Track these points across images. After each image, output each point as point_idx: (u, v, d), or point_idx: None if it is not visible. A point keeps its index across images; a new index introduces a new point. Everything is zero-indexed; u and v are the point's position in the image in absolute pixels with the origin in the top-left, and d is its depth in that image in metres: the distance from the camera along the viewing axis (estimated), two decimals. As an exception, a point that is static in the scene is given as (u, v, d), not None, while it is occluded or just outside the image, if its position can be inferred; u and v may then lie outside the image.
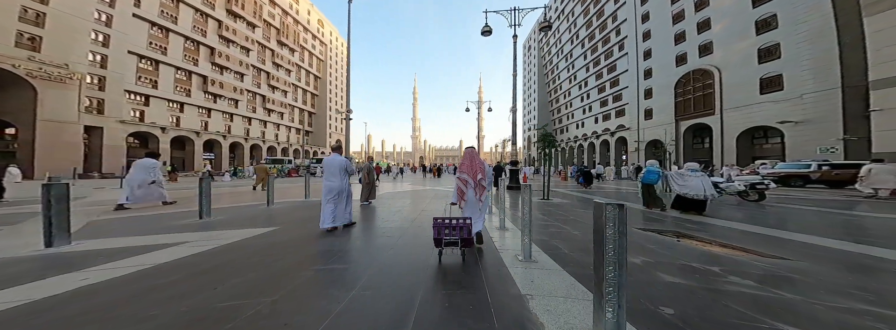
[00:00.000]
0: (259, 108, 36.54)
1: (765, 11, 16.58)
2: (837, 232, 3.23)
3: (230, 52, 32.06)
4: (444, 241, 2.08)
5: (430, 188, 10.01)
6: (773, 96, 16.16)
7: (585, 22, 38.57)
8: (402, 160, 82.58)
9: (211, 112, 29.77)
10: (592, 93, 37.29)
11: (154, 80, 25.33)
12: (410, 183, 13.32)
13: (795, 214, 4.61)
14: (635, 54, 27.92)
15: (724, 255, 2.41)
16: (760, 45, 16.81)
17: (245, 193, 8.33)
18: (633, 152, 27.47)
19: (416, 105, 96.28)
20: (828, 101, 13.69)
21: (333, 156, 3.38)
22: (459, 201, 2.56)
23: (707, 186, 4.31)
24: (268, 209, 5.01)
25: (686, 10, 22.04)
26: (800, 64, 14.79)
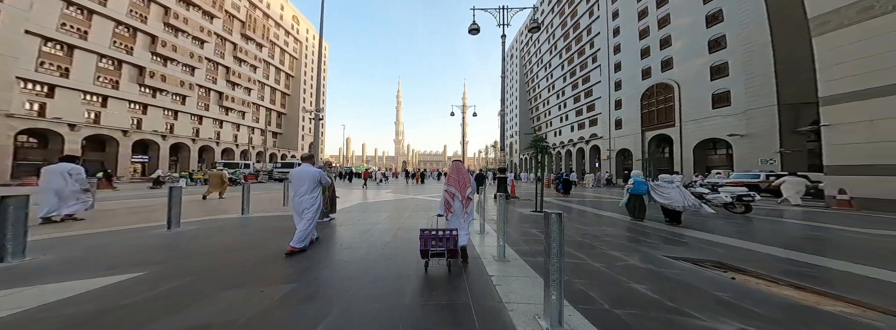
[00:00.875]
0: (213, 105, 33.15)
1: (716, 32, 18.08)
2: (869, 256, 2.87)
3: (178, 43, 28.69)
4: (430, 252, 2.13)
5: (412, 197, 9.23)
6: (723, 111, 17.50)
7: (563, 33, 40.44)
8: (385, 165, 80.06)
9: (147, 108, 25.97)
10: (569, 102, 38.83)
11: (64, 67, 20.48)
12: (392, 190, 12.52)
13: (792, 229, 4.54)
14: (607, 66, 29.45)
15: (813, 305, 1.74)
16: (712, 63, 18.24)
17: (208, 203, 7.20)
18: (605, 161, 28.59)
19: (400, 109, 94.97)
20: (766, 117, 15.02)
21: (304, 167, 2.98)
22: (447, 213, 2.58)
23: (686, 196, 4.46)
24: (242, 220, 4.50)
25: (651, 27, 23.63)
26: (744, 82, 16.15)
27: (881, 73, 6.90)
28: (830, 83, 7.75)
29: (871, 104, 7.02)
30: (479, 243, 3.24)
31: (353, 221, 4.73)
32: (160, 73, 27.07)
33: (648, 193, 4.86)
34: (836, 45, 7.68)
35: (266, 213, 5.54)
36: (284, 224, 4.12)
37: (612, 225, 4.62)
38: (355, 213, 5.70)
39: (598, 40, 31.82)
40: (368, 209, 6.32)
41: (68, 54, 21.72)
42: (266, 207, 6.51)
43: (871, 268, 2.51)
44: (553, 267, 1.38)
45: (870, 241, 3.72)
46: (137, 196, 9.18)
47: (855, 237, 3.91)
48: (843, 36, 7.56)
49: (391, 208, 6.47)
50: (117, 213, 5.60)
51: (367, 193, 10.75)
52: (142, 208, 6.23)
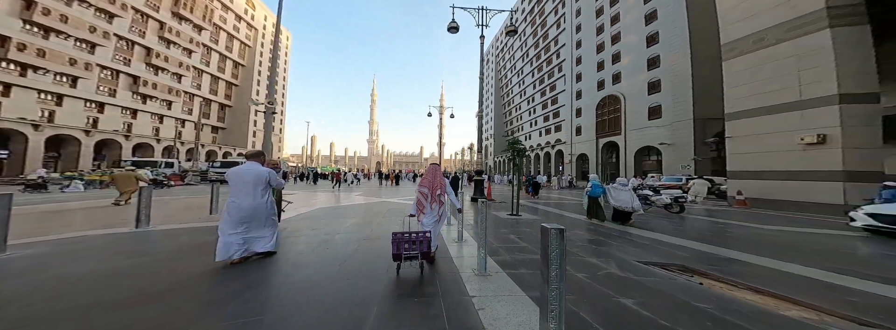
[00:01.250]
0: (123, 91, 26.34)
1: (653, 52, 20.49)
2: (796, 255, 3.19)
3: (71, 12, 21.96)
4: (403, 255, 2.14)
5: (383, 201, 8.40)
6: (656, 122, 19.95)
7: (534, 42, 42.58)
8: (356, 165, 74.83)
9: (10, 89, 19.70)
10: (537, 108, 41.04)
11: None
12: (362, 193, 11.45)
13: (712, 227, 5.03)
14: (570, 76, 31.64)
15: (771, 310, 1.79)
16: (650, 79, 20.65)
17: (97, 212, 5.41)
18: (568, 164, 30.68)
19: (375, 107, 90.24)
20: (686, 130, 17.47)
21: (248, 165, 2.45)
22: (419, 214, 2.61)
23: (634, 199, 4.90)
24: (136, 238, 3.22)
25: (606, 43, 25.93)
26: (671, 98, 18.55)
27: (764, 95, 8.10)
28: (732, 101, 8.95)
29: (758, 121, 8.22)
30: (457, 253, 2.88)
31: (307, 229, 3.91)
32: (37, 47, 20.55)
33: (604, 195, 5.22)
34: (737, 70, 8.89)
35: (178, 224, 4.25)
36: (197, 240, 3.16)
37: (579, 227, 4.66)
38: (313, 220, 4.80)
39: (563, 51, 34.05)
40: (330, 215, 5.39)
41: None
42: (183, 216, 5.05)
43: (775, 260, 2.90)
44: (552, 294, 1.13)
45: (768, 236, 4.32)
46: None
47: (758, 233, 4.50)
48: (743, 62, 8.77)
49: (358, 214, 5.64)
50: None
51: (334, 197, 9.54)
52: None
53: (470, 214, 5.66)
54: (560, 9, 34.91)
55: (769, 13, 8.04)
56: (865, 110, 6.77)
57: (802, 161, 7.35)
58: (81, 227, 4.04)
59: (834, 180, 6.77)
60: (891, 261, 3.09)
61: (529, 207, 7.22)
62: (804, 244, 3.74)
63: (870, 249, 3.56)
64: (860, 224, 4.41)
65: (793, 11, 7.58)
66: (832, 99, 6.92)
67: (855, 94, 6.78)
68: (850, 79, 6.81)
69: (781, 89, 7.77)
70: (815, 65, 7.21)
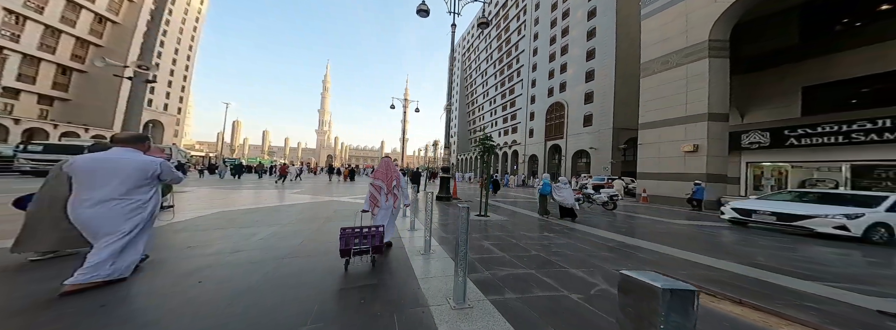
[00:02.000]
0: None
1: (590, 66, 23.20)
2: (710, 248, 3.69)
3: None
4: (352, 251, 1.99)
5: (331, 199, 6.84)
6: (588, 129, 22.88)
7: (498, 46, 43.80)
8: (299, 158, 64.20)
9: None
10: (498, 110, 42.79)
11: None
12: (302, 190, 9.16)
13: (635, 222, 5.49)
14: (527, 81, 33.64)
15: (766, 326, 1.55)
16: (586, 90, 23.39)
17: None
18: (522, 164, 32.91)
19: (327, 95, 79.39)
20: (607, 137, 20.55)
21: (116, 152, 1.66)
22: (372, 208, 2.54)
23: (572, 196, 5.39)
24: None
25: (556, 53, 28.21)
26: (599, 108, 21.49)
27: (665, 110, 9.52)
28: (644, 114, 10.31)
29: (659, 131, 9.65)
30: (424, 270, 2.17)
31: (199, 241, 2.59)
32: None
33: (551, 193, 5.58)
34: (649, 87, 10.22)
35: None
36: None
37: (540, 227, 4.59)
38: (213, 228, 3.23)
39: (523, 56, 35.91)
40: (244, 219, 3.88)
41: None
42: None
43: (671, 248, 3.41)
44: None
45: (668, 228, 4.96)
46: None
47: (663, 227, 5.11)
48: (653, 80, 10.11)
49: (290, 217, 4.21)
50: None
51: (262, 194, 7.44)
52: None
53: (435, 217, 5.07)
54: (521, 15, 36.53)
55: (675, 39, 9.39)
56: (721, 127, 8.55)
57: (683, 165, 8.94)
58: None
59: (701, 180, 8.37)
60: (739, 245, 3.87)
61: (492, 205, 6.98)
62: (689, 234, 4.57)
63: (730, 237, 4.42)
64: (727, 216, 5.46)
65: (688, 40, 8.96)
66: (703, 117, 8.50)
67: (717, 113, 8.46)
68: (716, 100, 8.44)
69: (675, 106, 9.24)
70: (697, 87, 8.72)
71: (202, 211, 4.46)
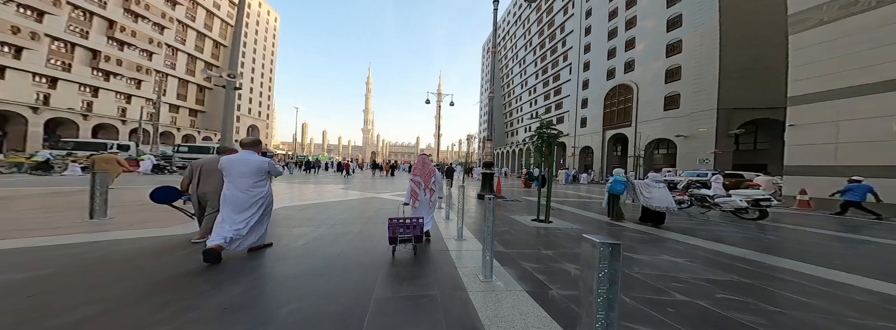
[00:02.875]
0: (80, 66, 23.21)
1: (674, 37, 18.53)
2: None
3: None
4: (398, 238, 2.23)
5: (375, 196, 6.96)
6: (672, 113, 18.42)
7: (538, 30, 39.61)
8: (351, 155, 71.97)
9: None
10: (539, 99, 39.03)
11: None
12: (348, 186, 9.79)
13: (802, 237, 3.72)
14: (577, 65, 29.47)
15: None
16: (668, 66, 18.84)
17: None
18: (570, 157, 29.40)
19: (370, 96, 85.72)
20: (706, 121, 15.97)
21: (244, 154, 2.21)
22: (413, 201, 2.74)
23: (669, 198, 4.18)
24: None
25: (619, 28, 23.68)
26: (692, 87, 16.92)
27: (851, 73, 6.52)
28: (800, 83, 7.37)
29: (837, 105, 6.72)
30: (484, 299, 1.61)
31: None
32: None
33: (625, 191, 4.49)
34: (809, 44, 7.23)
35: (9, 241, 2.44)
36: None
37: (642, 240, 3.29)
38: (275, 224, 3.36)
39: (570, 38, 31.56)
40: (300, 216, 4.03)
41: None
42: (38, 224, 3.07)
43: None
44: None
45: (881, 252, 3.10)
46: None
47: (874, 249, 3.23)
48: (818, 34, 7.08)
49: (337, 215, 4.26)
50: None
51: (320, 190, 7.94)
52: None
53: (474, 217, 4.33)
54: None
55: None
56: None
57: (888, 152, 5.97)
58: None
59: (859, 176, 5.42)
60: None
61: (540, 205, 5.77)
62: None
63: None
64: None
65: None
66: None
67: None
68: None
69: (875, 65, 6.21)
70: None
71: (291, 202, 5.10)
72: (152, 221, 3.31)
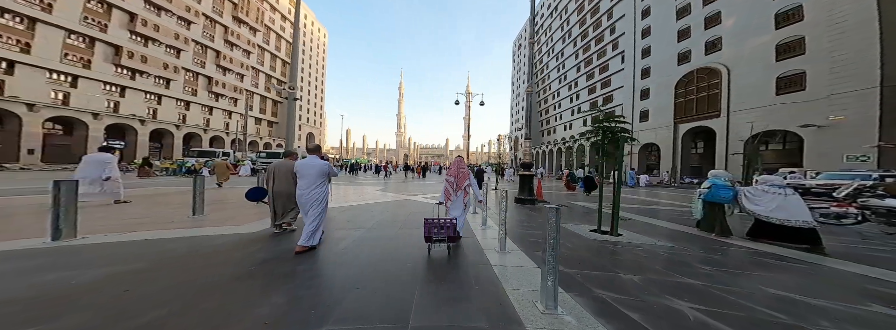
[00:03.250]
0: (202, 90, 29.75)
1: (787, 3, 14.56)
2: None
3: (161, 22, 24.88)
4: (433, 238, 2.39)
5: (408, 198, 6.83)
6: (792, 97, 14.29)
7: (579, 19, 36.42)
8: (385, 158, 76.44)
9: (125, 91, 23.06)
10: (582, 94, 35.52)
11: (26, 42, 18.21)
12: (384, 187, 10.01)
13: None
14: (633, 52, 25.87)
15: None
16: (780, 40, 14.84)
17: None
18: (627, 156, 25.66)
19: (402, 101, 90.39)
20: (861, 103, 11.76)
21: (311, 158, 2.68)
22: (447, 201, 2.88)
23: (804, 208, 2.98)
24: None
25: (692, 5, 19.98)
26: (828, 61, 12.81)
27: None
28: None
29: None
30: None
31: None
32: (140, 54, 23.71)
33: (735, 200, 3.41)
34: None
35: (130, 234, 2.87)
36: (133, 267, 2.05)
37: (779, 266, 2.32)
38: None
39: (622, 24, 28.05)
40: (341, 217, 4.05)
41: (91, 46, 19.64)
42: (160, 218, 3.69)
43: None
44: None
45: None
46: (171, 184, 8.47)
47: None
48: None
49: (374, 218, 4.16)
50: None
51: (350, 192, 8.05)
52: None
53: (516, 226, 3.66)
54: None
55: None
56: None
57: None
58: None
59: None
60: None
61: (593, 213, 4.62)
62: None
63: None
64: None
65: None
66: None
67: None
68: None
69: None
70: None
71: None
72: (237, 217, 3.78)
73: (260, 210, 4.19)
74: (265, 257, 2.26)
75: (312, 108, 51.01)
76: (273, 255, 2.33)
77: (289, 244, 2.59)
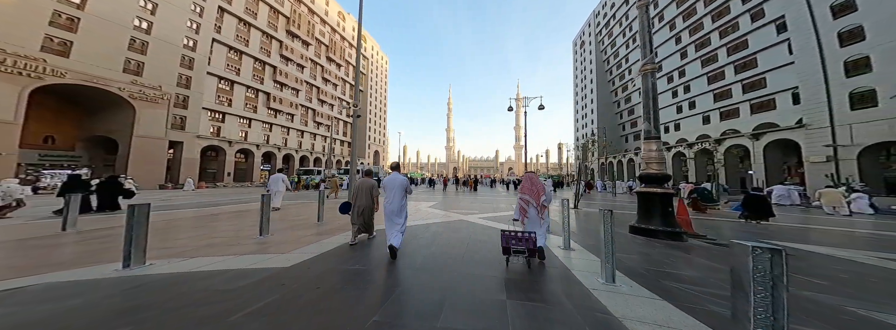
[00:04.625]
0: (311, 121, 37.13)
1: None
2: None
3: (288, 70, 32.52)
4: (512, 249, 2.47)
5: (460, 219, 5.57)
6: None
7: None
8: (436, 171, 77.89)
9: (272, 126, 30.43)
10: (697, 84, 26.78)
11: (229, 98, 26.54)
12: (439, 205, 8.54)
13: None
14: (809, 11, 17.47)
15: None
16: None
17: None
18: (816, 164, 16.49)
19: (451, 116, 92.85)
20: None
21: (394, 174, 3.23)
22: (522, 218, 2.88)
23: None
24: None
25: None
26: None
27: None
28: None
29: None
30: None
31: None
32: (279, 97, 31.34)
33: None
34: None
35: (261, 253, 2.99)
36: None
37: None
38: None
39: (774, -18, 19.97)
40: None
41: (230, 87, 26.70)
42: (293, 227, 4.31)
43: None
44: None
45: None
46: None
47: None
48: None
49: (425, 248, 3.29)
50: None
51: (414, 209, 7.34)
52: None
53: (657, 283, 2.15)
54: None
55: None
56: None
57: None
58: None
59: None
60: None
61: (809, 260, 2.60)
62: None
63: None
64: None
65: None
66: None
67: None
68: None
69: None
70: None
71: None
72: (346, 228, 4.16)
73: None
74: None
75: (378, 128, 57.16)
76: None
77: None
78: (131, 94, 17.81)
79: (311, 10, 36.93)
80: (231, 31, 26.28)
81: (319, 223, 4.73)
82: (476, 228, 4.43)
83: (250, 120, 27.56)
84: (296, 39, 34.39)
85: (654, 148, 4.62)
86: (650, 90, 4.89)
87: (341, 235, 3.83)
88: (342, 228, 4.24)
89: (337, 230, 4.13)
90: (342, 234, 3.89)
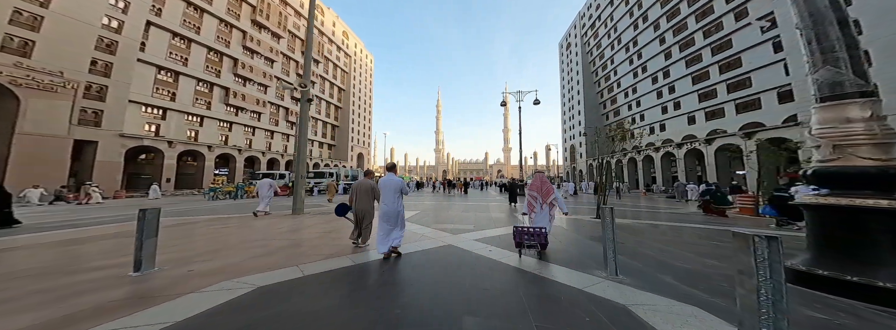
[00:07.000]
0: (281, 120, 32.01)
1: None
2: None
3: (254, 63, 28.05)
4: (524, 244, 2.72)
5: (453, 244, 3.69)
6: None
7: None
8: (425, 174, 74.48)
9: (232, 125, 25.58)
10: (681, 84, 25.77)
11: (172, 92, 21.54)
12: (420, 211, 7.26)
13: None
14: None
15: None
16: None
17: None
18: (802, 162, 14.92)
19: (440, 118, 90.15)
20: None
21: (389, 176, 3.14)
22: (530, 212, 3.28)
23: None
24: None
25: None
26: None
27: None
28: None
29: None
30: None
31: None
32: (241, 93, 26.32)
33: None
34: None
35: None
36: None
37: None
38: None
39: (760, -22, 18.99)
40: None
41: (175, 80, 21.53)
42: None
43: None
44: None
45: None
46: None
47: None
48: None
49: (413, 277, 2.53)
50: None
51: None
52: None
53: None
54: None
55: None
56: None
57: None
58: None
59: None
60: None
61: None
62: None
63: None
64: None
65: None
66: None
67: None
68: None
69: None
70: None
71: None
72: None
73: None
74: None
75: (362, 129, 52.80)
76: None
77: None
78: (13, 79, 13.33)
79: (283, 1, 32.75)
80: (176, 15, 21.81)
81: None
82: (476, 264, 2.72)
83: (202, 117, 22.77)
84: (264, 31, 30.06)
85: (860, 115, 2.12)
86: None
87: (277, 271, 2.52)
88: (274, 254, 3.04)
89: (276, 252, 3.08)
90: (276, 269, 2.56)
